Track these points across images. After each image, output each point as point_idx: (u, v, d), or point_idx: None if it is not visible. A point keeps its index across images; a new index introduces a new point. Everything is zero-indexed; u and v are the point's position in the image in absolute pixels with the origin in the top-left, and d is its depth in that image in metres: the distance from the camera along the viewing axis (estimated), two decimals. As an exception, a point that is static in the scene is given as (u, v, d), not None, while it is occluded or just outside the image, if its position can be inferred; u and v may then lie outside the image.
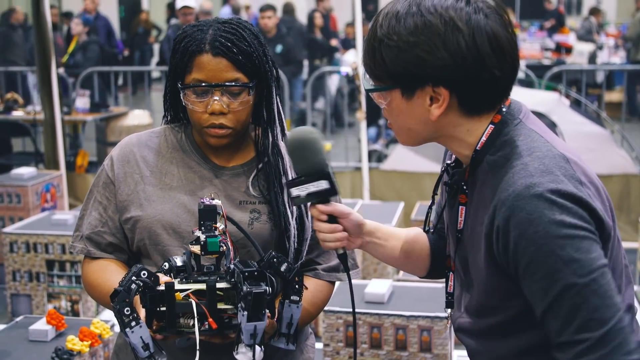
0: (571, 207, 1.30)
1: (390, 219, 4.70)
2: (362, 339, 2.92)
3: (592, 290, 1.29)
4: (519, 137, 1.41)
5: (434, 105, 1.40)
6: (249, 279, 1.42)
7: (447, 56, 1.35)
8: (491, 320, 1.46)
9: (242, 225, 1.73)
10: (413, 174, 6.41)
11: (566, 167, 1.35)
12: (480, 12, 1.37)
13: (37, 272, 4.50)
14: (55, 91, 5.69)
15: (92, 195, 1.82)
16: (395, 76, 1.40)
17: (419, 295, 3.01)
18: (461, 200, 1.48)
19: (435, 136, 1.47)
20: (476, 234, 1.43)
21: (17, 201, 5.15)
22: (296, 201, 1.57)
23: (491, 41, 1.36)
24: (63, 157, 5.82)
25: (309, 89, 8.39)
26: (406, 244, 1.70)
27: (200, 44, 1.68)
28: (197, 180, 1.77)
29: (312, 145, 1.54)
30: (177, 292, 1.46)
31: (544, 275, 1.31)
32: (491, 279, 1.41)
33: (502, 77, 1.39)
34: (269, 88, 1.76)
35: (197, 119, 1.72)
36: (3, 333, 2.74)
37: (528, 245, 1.31)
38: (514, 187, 1.33)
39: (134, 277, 1.45)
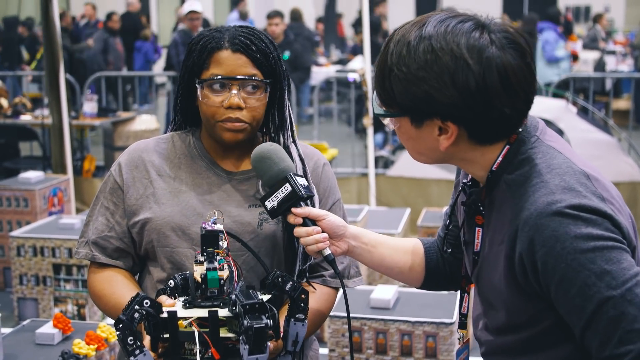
0: (596, 219, 1.28)
1: (396, 225, 4.69)
2: (367, 345, 2.92)
3: (628, 300, 1.26)
4: (537, 154, 1.39)
5: (442, 137, 1.38)
6: (250, 312, 1.41)
7: (455, 94, 1.32)
8: (517, 337, 1.43)
9: (251, 227, 1.74)
10: (420, 181, 6.41)
11: (587, 183, 1.33)
12: (493, 44, 1.33)
13: (44, 276, 4.51)
14: (63, 96, 5.71)
15: (98, 201, 1.83)
16: (403, 107, 1.39)
17: (424, 301, 3.01)
18: (477, 221, 1.47)
19: (448, 160, 1.45)
20: (493, 253, 1.42)
21: (24, 205, 5.17)
22: (274, 213, 1.62)
23: (502, 77, 1.32)
24: (70, 161, 5.84)
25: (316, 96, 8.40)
26: (397, 252, 1.69)
27: (220, 41, 1.73)
28: (205, 185, 1.79)
29: (271, 155, 1.63)
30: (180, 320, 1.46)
31: (577, 292, 1.29)
32: (515, 299, 1.39)
33: (512, 114, 1.36)
34: (282, 91, 1.80)
35: (212, 114, 1.74)
36: (10, 336, 2.75)
37: (557, 262, 1.29)
38: (536, 205, 1.31)
39: (137, 306, 1.45)
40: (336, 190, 1.90)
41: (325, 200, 1.86)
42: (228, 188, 1.79)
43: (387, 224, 4.74)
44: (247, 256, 1.74)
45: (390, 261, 1.67)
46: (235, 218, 1.75)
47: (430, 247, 1.73)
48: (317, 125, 8.31)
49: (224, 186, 1.79)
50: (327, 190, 1.87)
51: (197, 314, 1.46)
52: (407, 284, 1.75)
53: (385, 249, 1.67)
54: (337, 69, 11.61)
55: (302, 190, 1.60)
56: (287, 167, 1.62)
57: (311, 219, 1.60)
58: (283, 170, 1.61)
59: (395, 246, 1.69)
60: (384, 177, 6.77)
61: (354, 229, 1.66)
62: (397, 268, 1.69)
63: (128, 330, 1.44)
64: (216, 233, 1.52)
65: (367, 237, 1.66)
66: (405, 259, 1.70)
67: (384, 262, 1.67)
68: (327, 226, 1.60)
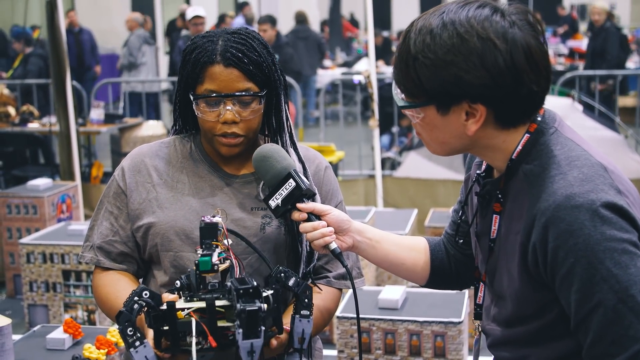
0: (611, 217, 1.29)
1: (403, 226, 4.70)
2: (376, 345, 2.92)
3: (628, 307, 1.28)
4: (556, 146, 1.40)
5: (470, 121, 1.39)
6: (244, 296, 1.42)
7: (485, 74, 1.34)
8: (524, 329, 1.45)
9: (254, 231, 1.75)
10: (426, 181, 6.41)
11: (605, 175, 1.35)
12: (515, 25, 1.36)
13: (54, 283, 4.53)
14: (70, 103, 5.74)
15: (102, 205, 1.84)
16: (430, 93, 1.38)
17: (432, 301, 3.02)
18: (495, 209, 1.47)
19: (470, 147, 1.46)
20: (510, 243, 1.43)
21: (33, 212, 5.20)
22: (278, 212, 1.62)
23: (527, 56, 1.35)
24: (78, 168, 5.87)
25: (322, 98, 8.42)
26: (402, 249, 1.70)
27: (212, 54, 1.71)
28: (207, 188, 1.80)
29: (272, 154, 1.64)
30: (178, 311, 1.47)
31: (580, 287, 1.30)
32: (525, 288, 1.40)
33: (538, 91, 1.38)
34: (278, 97, 1.79)
35: (209, 128, 1.75)
36: (21, 342, 2.77)
37: (567, 256, 1.30)
38: (554, 197, 1.32)
39: (136, 297, 1.46)
40: (338, 192, 1.91)
41: (328, 202, 1.87)
42: (230, 191, 1.80)
43: (394, 225, 4.74)
44: (252, 258, 1.75)
45: (395, 257, 1.68)
46: (238, 221, 1.76)
47: (436, 246, 1.74)
48: (323, 128, 8.33)
49: (226, 189, 1.80)
50: (330, 192, 1.88)
51: (196, 305, 1.47)
52: (411, 281, 1.76)
53: (390, 245, 1.68)
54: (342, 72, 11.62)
55: (306, 184, 1.61)
56: (289, 165, 1.63)
57: (316, 214, 1.61)
58: (285, 168, 1.62)
59: (400, 243, 1.70)
60: (391, 178, 6.78)
61: (358, 224, 1.67)
62: (402, 264, 1.70)
63: (128, 321, 1.44)
64: (215, 225, 1.53)
65: (372, 232, 1.67)
66: (410, 256, 1.70)
67: (388, 257, 1.68)
68: (332, 221, 1.62)
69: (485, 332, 1.57)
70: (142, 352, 1.45)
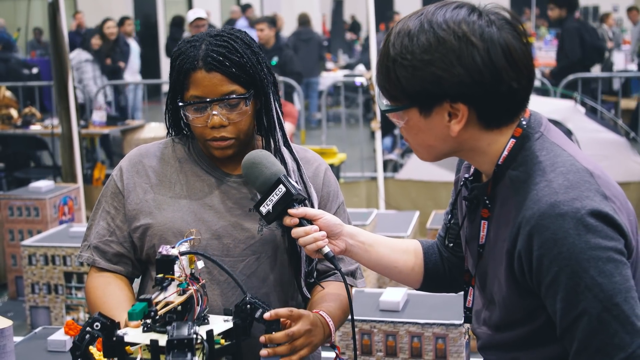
0: (596, 225, 1.29)
1: (405, 228, 4.70)
2: (377, 347, 2.92)
3: (613, 315, 1.27)
4: (542, 151, 1.40)
5: (453, 121, 1.39)
6: (175, 347, 1.35)
7: (463, 72, 1.34)
8: (513, 334, 1.44)
9: (252, 232, 1.75)
10: (428, 184, 6.41)
11: (591, 181, 1.34)
12: (492, 24, 1.36)
13: (56, 284, 4.53)
14: (72, 105, 5.74)
15: (100, 205, 1.85)
16: (411, 95, 1.39)
17: (433, 303, 3.01)
18: (483, 215, 1.47)
19: (456, 150, 1.46)
20: (498, 249, 1.42)
21: (35, 214, 5.20)
22: (269, 218, 1.62)
23: (506, 54, 1.35)
24: (80, 170, 5.87)
25: (324, 100, 8.42)
26: (395, 252, 1.69)
27: (194, 61, 1.70)
28: (205, 188, 1.79)
29: (261, 161, 1.64)
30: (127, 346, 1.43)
31: (564, 296, 1.30)
32: (512, 295, 1.40)
33: (519, 89, 1.37)
34: (267, 95, 1.78)
35: (199, 133, 1.76)
36: (22, 344, 2.77)
37: (552, 265, 1.30)
38: (539, 205, 1.32)
39: (88, 327, 1.44)
40: (339, 194, 1.91)
41: (330, 205, 1.86)
42: (228, 191, 1.79)
43: (396, 227, 4.74)
44: (250, 259, 1.75)
45: (388, 260, 1.68)
46: (236, 223, 1.76)
47: (429, 248, 1.73)
48: (325, 130, 8.33)
49: (224, 189, 1.79)
50: (331, 194, 1.87)
51: (145, 341, 1.41)
52: (405, 284, 1.76)
53: (383, 248, 1.67)
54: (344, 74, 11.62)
55: (297, 189, 1.61)
56: (278, 170, 1.63)
57: (308, 219, 1.61)
58: (275, 173, 1.62)
59: (393, 246, 1.69)
60: (393, 180, 6.78)
61: (350, 228, 1.66)
62: (395, 268, 1.69)
63: (77, 351, 1.44)
64: (171, 259, 1.46)
65: (364, 236, 1.67)
66: (404, 259, 1.70)
67: (382, 261, 1.67)
68: (324, 225, 1.61)
69: (476, 334, 1.57)
70: None
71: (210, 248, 1.75)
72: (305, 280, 1.82)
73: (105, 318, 1.44)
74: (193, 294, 1.45)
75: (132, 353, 1.41)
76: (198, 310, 1.47)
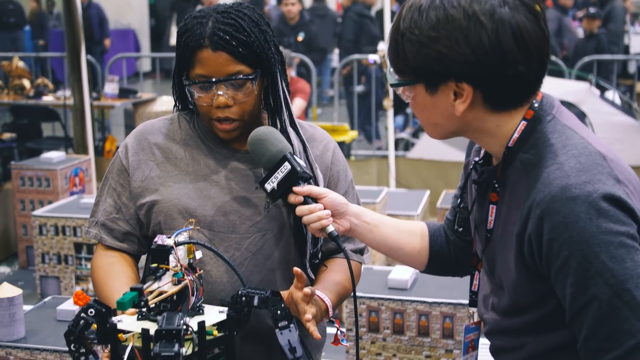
0: (609, 209, 1.27)
1: (415, 207, 4.69)
2: (384, 325, 2.93)
3: (624, 301, 1.25)
4: (553, 134, 1.37)
5: (458, 101, 1.37)
6: (163, 338, 1.33)
7: (468, 52, 1.32)
8: (522, 319, 1.43)
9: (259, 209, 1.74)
10: (440, 163, 6.39)
11: (603, 164, 1.31)
12: (505, 5, 1.33)
13: (66, 255, 4.56)
14: (85, 77, 5.74)
15: (107, 181, 1.84)
16: (417, 71, 1.37)
17: (442, 282, 3.01)
18: (492, 199, 1.45)
19: (463, 130, 1.43)
20: (507, 234, 1.41)
21: (46, 185, 5.22)
22: (274, 195, 1.61)
23: (516, 36, 1.32)
24: (92, 142, 5.88)
25: (336, 78, 8.38)
26: (400, 233, 1.67)
27: (200, 39, 1.68)
28: (211, 164, 1.78)
29: (266, 138, 1.62)
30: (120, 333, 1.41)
31: (575, 281, 1.28)
32: (521, 280, 1.38)
33: (527, 73, 1.35)
34: (273, 75, 1.75)
35: (204, 112, 1.74)
36: (31, 313, 2.79)
37: (562, 249, 1.28)
38: (550, 188, 1.30)
39: (82, 313, 1.43)
40: (347, 171, 1.89)
41: (340, 185, 1.84)
42: (235, 168, 1.78)
43: (406, 205, 4.73)
44: (255, 237, 1.74)
45: (393, 241, 1.66)
46: (242, 199, 1.75)
47: (435, 231, 1.72)
48: (337, 107, 8.30)
49: (230, 166, 1.78)
50: (340, 173, 1.86)
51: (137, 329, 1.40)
52: (410, 266, 1.74)
53: (388, 229, 1.66)
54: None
55: (302, 167, 1.60)
56: (284, 147, 1.62)
57: (312, 197, 1.60)
58: (281, 151, 1.61)
59: (398, 227, 1.68)
60: (404, 159, 6.76)
61: (355, 207, 1.65)
62: (400, 249, 1.68)
63: (71, 337, 1.43)
64: (166, 249, 1.45)
65: (370, 216, 1.65)
66: (409, 240, 1.68)
67: (386, 242, 1.66)
68: (329, 204, 1.60)
69: (483, 320, 1.55)
70: None
71: (216, 224, 1.74)
72: (310, 261, 1.81)
73: (100, 305, 1.44)
74: (188, 285, 1.45)
75: (124, 341, 1.40)
76: (193, 300, 1.46)
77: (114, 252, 1.81)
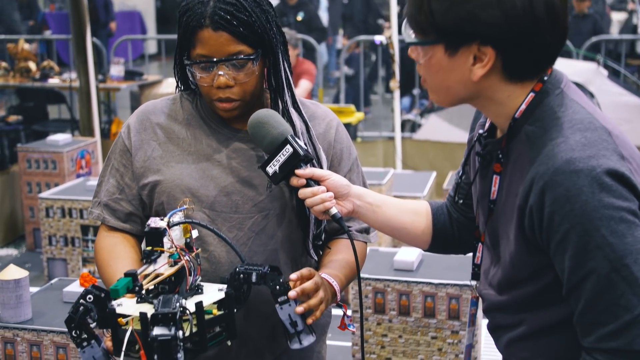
0: (611, 184, 1.26)
1: (422, 188, 4.68)
2: (390, 306, 2.93)
3: (622, 276, 1.25)
4: (560, 107, 1.37)
5: (477, 65, 1.35)
6: (159, 322, 1.33)
7: (501, 15, 1.30)
8: (518, 293, 1.43)
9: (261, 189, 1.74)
10: (446, 144, 6.37)
11: (608, 140, 1.31)
12: None
13: (72, 237, 4.57)
14: (90, 59, 5.73)
15: (109, 162, 1.84)
16: (442, 30, 1.35)
17: (448, 263, 3.01)
18: (496, 169, 1.44)
19: (473, 98, 1.42)
20: (508, 205, 1.40)
21: (52, 167, 5.23)
22: (276, 179, 1.60)
23: (547, 5, 1.32)
24: (98, 124, 5.88)
25: (342, 58, 8.35)
26: (403, 213, 1.67)
27: (200, 18, 1.67)
28: (214, 144, 1.77)
29: (267, 121, 1.61)
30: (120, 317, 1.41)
31: (574, 254, 1.28)
32: (520, 252, 1.38)
33: (552, 43, 1.35)
34: (275, 55, 1.74)
35: (205, 92, 1.73)
36: (38, 294, 2.80)
37: (563, 222, 1.28)
38: (554, 160, 1.29)
39: (81, 299, 1.43)
40: (351, 149, 1.87)
41: (343, 163, 1.83)
42: (237, 148, 1.77)
43: (412, 187, 4.73)
44: (258, 217, 1.74)
45: (396, 221, 1.66)
46: (245, 179, 1.74)
47: (438, 209, 1.71)
48: (343, 89, 8.28)
49: (233, 146, 1.77)
50: (344, 151, 1.84)
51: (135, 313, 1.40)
52: (414, 245, 1.73)
53: (391, 209, 1.65)
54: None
55: (304, 150, 1.59)
56: (285, 130, 1.61)
57: (315, 179, 1.59)
58: (282, 133, 1.59)
59: (401, 207, 1.67)
60: (411, 140, 6.74)
61: (358, 188, 1.64)
62: (403, 229, 1.67)
63: (72, 323, 1.44)
64: (159, 231, 1.44)
65: (372, 196, 1.65)
66: (412, 220, 1.68)
67: (389, 222, 1.65)
68: (332, 186, 1.60)
69: (481, 296, 1.56)
70: (89, 352, 1.45)
71: (218, 205, 1.74)
72: (313, 242, 1.81)
73: (98, 290, 1.44)
74: (184, 265, 1.44)
75: (124, 325, 1.40)
76: (190, 280, 1.46)
77: (117, 233, 1.81)
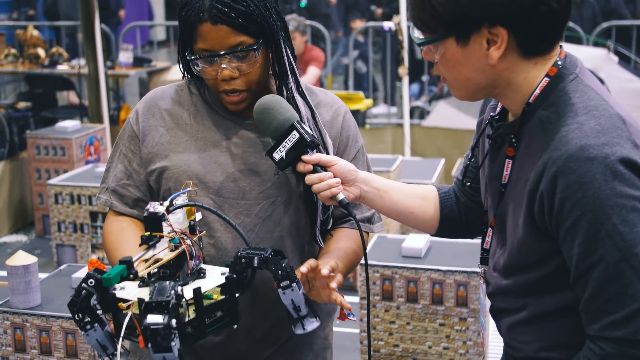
0: (624, 172, 1.26)
1: (430, 175, 4.67)
2: (398, 293, 2.93)
3: (630, 265, 1.25)
4: (575, 93, 1.36)
5: (492, 48, 1.35)
6: (152, 310, 1.31)
7: None
8: (524, 278, 1.43)
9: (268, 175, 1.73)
10: (455, 131, 6.35)
11: (622, 128, 1.30)
12: None
13: (81, 224, 4.59)
14: (99, 45, 5.73)
15: (117, 147, 1.84)
16: (448, 22, 1.35)
17: (456, 250, 3.01)
18: (508, 153, 1.44)
19: (494, 84, 1.41)
20: (519, 189, 1.40)
21: (61, 154, 5.24)
22: (283, 164, 1.60)
23: None
24: (107, 111, 5.89)
25: (351, 44, 8.32)
26: (410, 198, 1.67)
27: (198, 13, 1.66)
28: (221, 131, 1.77)
29: (273, 106, 1.61)
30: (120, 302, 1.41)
31: (583, 241, 1.28)
32: (528, 237, 1.38)
33: (559, 10, 1.34)
34: (277, 42, 1.73)
35: (211, 85, 1.73)
36: (47, 280, 2.81)
37: (574, 209, 1.27)
38: (568, 146, 1.29)
39: (83, 284, 1.43)
40: (358, 137, 1.87)
41: (349, 149, 1.83)
42: (244, 135, 1.77)
43: (421, 174, 4.72)
44: (265, 203, 1.74)
45: (403, 206, 1.65)
46: (252, 166, 1.74)
47: (446, 194, 1.71)
48: (352, 75, 8.25)
49: (240, 133, 1.77)
50: (350, 138, 1.84)
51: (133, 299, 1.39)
52: (421, 230, 1.73)
53: (398, 194, 1.65)
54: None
55: (310, 135, 1.58)
56: (292, 116, 1.60)
57: (322, 165, 1.59)
58: (288, 119, 1.59)
59: (408, 192, 1.67)
60: (419, 127, 6.72)
61: (364, 174, 1.64)
62: (411, 214, 1.67)
63: (74, 307, 1.44)
64: (158, 216, 1.43)
65: (379, 182, 1.64)
66: (419, 205, 1.67)
67: (396, 207, 1.65)
68: (338, 171, 1.59)
69: (486, 279, 1.55)
70: (92, 336, 1.45)
71: (225, 191, 1.74)
72: (320, 228, 1.81)
73: (100, 273, 1.43)
74: (185, 249, 1.44)
75: (124, 309, 1.40)
76: (192, 264, 1.46)
77: (125, 217, 1.82)
